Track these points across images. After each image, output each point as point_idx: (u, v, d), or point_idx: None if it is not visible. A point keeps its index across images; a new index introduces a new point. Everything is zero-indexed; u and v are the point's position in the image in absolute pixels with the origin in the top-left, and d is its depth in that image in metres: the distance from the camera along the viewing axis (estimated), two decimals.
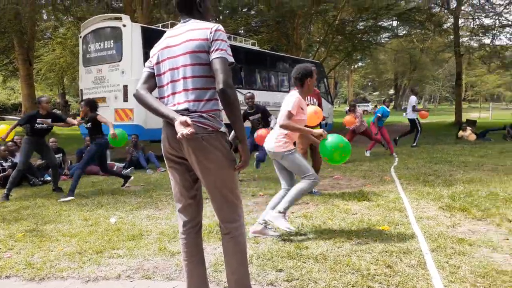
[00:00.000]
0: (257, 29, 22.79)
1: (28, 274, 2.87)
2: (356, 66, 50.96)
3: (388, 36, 27.49)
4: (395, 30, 26.08)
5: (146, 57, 8.90)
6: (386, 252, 3.00)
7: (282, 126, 3.41)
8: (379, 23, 22.87)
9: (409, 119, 10.90)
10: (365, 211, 4.24)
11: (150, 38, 9.05)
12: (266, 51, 14.72)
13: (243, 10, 21.99)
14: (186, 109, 1.96)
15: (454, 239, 3.23)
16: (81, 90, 9.89)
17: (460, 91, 23.47)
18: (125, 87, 8.74)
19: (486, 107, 40.05)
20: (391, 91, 67.18)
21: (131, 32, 8.83)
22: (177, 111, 1.96)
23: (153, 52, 2.14)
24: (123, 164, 8.34)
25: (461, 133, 12.71)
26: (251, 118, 6.42)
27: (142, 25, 9.95)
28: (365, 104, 55.25)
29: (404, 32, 26.54)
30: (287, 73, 13.71)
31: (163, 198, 5.37)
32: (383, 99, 15.37)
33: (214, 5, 20.20)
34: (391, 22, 24.34)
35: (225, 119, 1.93)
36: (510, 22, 20.67)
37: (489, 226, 3.56)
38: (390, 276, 2.59)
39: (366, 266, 2.75)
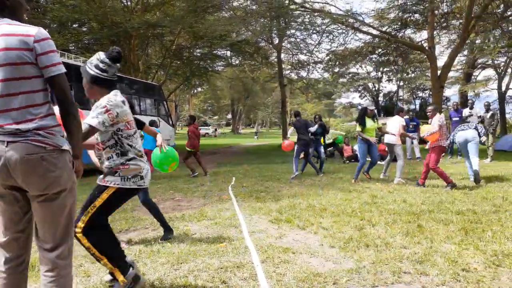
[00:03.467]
0: (89, 47, 21.36)
1: None
2: (195, 91, 52.53)
3: (223, 65, 29.29)
4: (229, 59, 28.01)
5: None
6: (221, 268, 3.11)
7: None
8: (214, 52, 24.21)
9: None
10: (204, 230, 4.34)
11: None
12: None
13: (73, 25, 20.36)
14: (18, 129, 1.71)
15: (281, 249, 3.57)
16: None
17: (285, 117, 26.55)
18: None
19: None
20: (229, 116, 71.45)
21: None
22: (6, 133, 1.71)
23: None
24: None
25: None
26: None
27: None
28: (206, 127, 57.53)
29: (237, 61, 28.71)
30: (124, 94, 13.19)
31: None
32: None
33: (38, 18, 18.19)
34: (225, 52, 26.03)
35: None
36: (320, 59, 24.55)
37: (309, 235, 4.07)
38: None
39: (203, 285, 2.80)
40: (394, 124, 7.78)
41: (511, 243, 3.51)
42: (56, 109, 1.85)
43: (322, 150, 9.77)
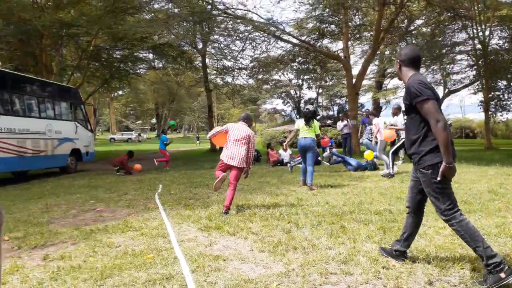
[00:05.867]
0: None
1: None
2: (116, 94, 50.13)
3: (146, 67, 28.39)
4: (152, 62, 27.22)
5: None
6: (149, 281, 2.98)
7: None
8: (136, 54, 23.34)
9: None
10: (129, 242, 4.14)
11: None
12: (6, 70, 12.45)
13: None
14: None
15: (211, 257, 3.53)
16: None
17: (212, 122, 26.50)
18: None
19: None
20: (154, 120, 69.34)
21: None
22: None
23: None
24: None
25: None
26: None
27: None
28: (129, 132, 55.12)
29: (160, 65, 28.00)
30: (36, 97, 12.12)
31: None
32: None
33: None
34: (147, 54, 25.26)
35: None
36: (244, 66, 24.93)
37: (239, 240, 4.08)
38: None
39: None
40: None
41: (424, 240, 3.85)
42: None
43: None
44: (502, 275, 2.64)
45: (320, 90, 48.83)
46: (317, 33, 22.48)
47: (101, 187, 8.78)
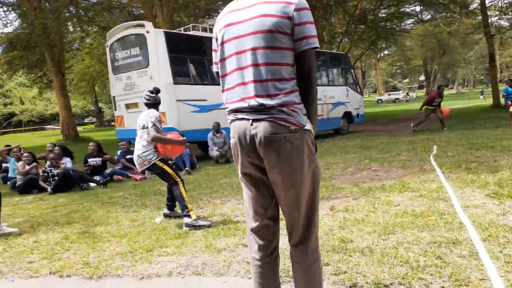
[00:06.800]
0: None
1: (86, 273, 3.00)
2: (382, 55, 49.95)
3: (413, 22, 26.78)
4: (419, 15, 25.37)
5: (172, 61, 9.03)
6: (434, 243, 2.91)
7: None
8: (402, 10, 22.30)
9: None
10: (408, 202, 4.14)
11: (173, 43, 9.23)
12: None
13: None
14: (262, 105, 1.57)
15: (506, 227, 3.09)
16: (113, 97, 10.16)
17: (495, 73, 22.57)
18: None
19: None
20: (422, 77, 65.50)
21: (155, 38, 8.96)
22: (248, 108, 1.61)
23: (216, 30, 1.73)
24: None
25: None
26: None
27: (165, 30, 10.11)
28: (396, 92, 54.15)
29: (429, 16, 25.77)
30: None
31: (203, 197, 5.45)
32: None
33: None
34: (414, 8, 23.72)
35: None
36: None
37: None
38: (441, 268, 2.51)
39: (415, 258, 2.67)
40: None
41: None
42: None
43: None
44: None
45: None
46: None
47: (373, 147, 9.08)
